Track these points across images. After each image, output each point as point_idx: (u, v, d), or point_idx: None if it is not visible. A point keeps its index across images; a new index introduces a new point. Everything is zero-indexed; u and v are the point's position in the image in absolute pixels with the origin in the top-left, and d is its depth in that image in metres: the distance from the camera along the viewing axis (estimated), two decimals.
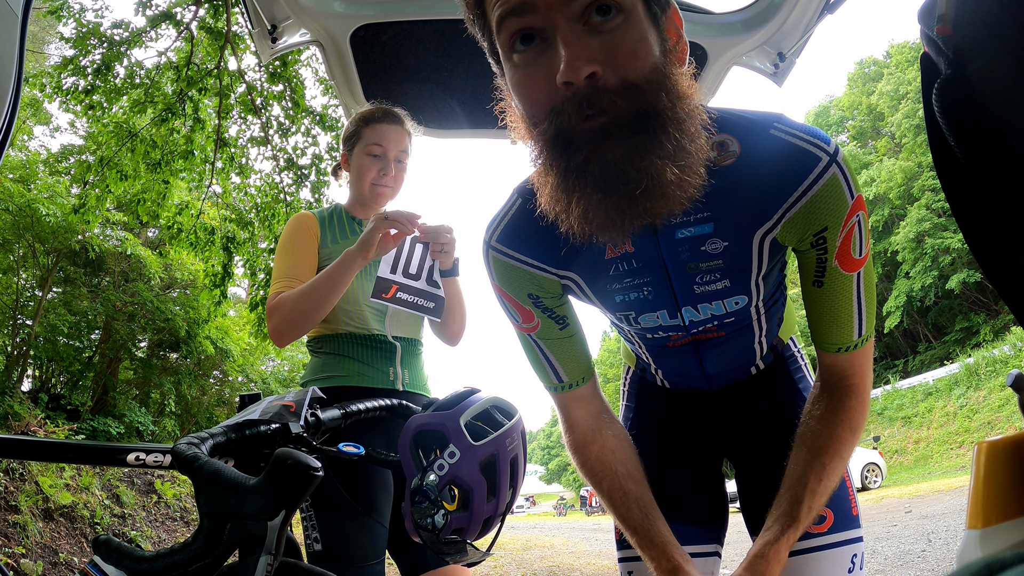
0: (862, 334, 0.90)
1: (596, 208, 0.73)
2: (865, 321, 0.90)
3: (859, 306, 0.89)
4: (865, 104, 30.88)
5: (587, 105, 0.70)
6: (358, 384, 1.52)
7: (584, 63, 0.68)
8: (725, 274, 0.91)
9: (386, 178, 1.65)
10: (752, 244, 0.88)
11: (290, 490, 0.69)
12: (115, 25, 6.16)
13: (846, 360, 0.93)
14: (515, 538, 13.49)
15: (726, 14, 1.72)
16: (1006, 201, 0.57)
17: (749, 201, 0.85)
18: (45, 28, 13.94)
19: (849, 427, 0.91)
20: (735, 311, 0.97)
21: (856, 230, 0.84)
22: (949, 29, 0.58)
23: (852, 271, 0.87)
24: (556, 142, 0.73)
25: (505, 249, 0.96)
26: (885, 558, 5.38)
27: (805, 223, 0.85)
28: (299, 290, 1.47)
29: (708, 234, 0.87)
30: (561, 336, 1.01)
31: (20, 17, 0.95)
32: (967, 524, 0.75)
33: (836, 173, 0.82)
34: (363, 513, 1.39)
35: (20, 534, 5.52)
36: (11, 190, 7.88)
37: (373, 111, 1.68)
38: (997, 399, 15.30)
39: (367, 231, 1.44)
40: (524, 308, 0.99)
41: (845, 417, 0.92)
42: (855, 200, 0.83)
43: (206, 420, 11.49)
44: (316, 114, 7.15)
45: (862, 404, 0.93)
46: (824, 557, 1.01)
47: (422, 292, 1.48)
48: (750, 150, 0.84)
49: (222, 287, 7.21)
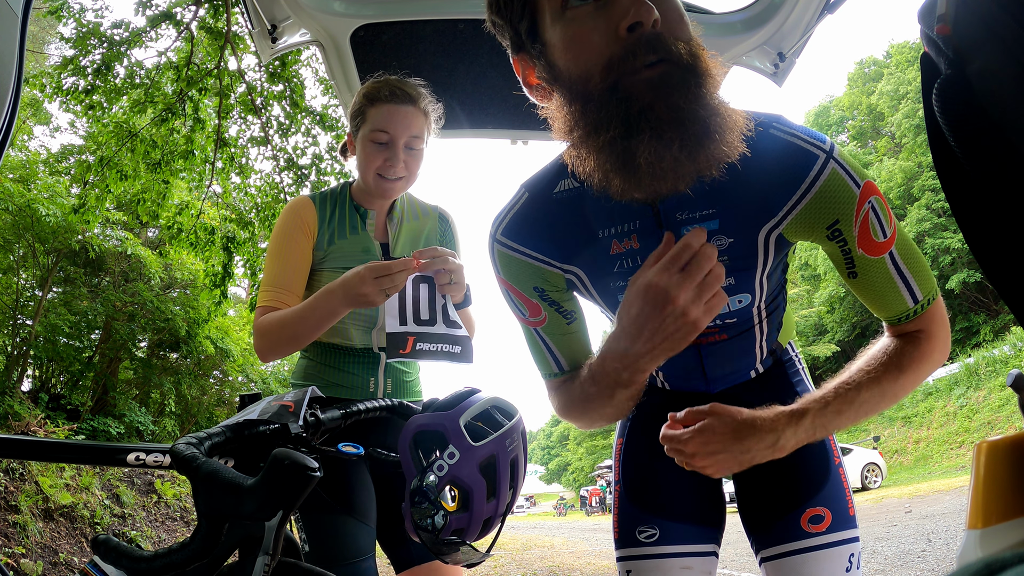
0: (918, 300, 0.90)
1: (666, 150, 0.73)
2: (916, 288, 0.90)
3: (902, 280, 0.89)
4: (865, 104, 30.88)
5: (651, 50, 0.73)
6: (335, 396, 1.45)
7: (652, 8, 0.74)
8: (730, 271, 0.91)
9: (393, 169, 1.44)
10: (758, 240, 0.89)
11: (288, 490, 0.68)
12: (115, 25, 6.16)
13: (910, 323, 0.93)
14: (515, 538, 13.49)
15: (726, 14, 1.72)
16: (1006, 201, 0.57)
17: (753, 198, 0.86)
18: (45, 28, 13.94)
19: (898, 366, 0.90)
20: (738, 311, 0.97)
21: (872, 216, 0.85)
22: (949, 29, 0.58)
23: (880, 254, 0.87)
24: (613, 93, 0.75)
25: (510, 243, 0.97)
26: (885, 558, 5.38)
27: (813, 218, 0.87)
28: (284, 323, 1.35)
29: (714, 231, 0.89)
30: (568, 331, 1.01)
31: (20, 17, 0.95)
32: (967, 524, 0.75)
33: (835, 168, 0.84)
34: (344, 512, 1.36)
35: (20, 534, 5.52)
36: (11, 190, 7.88)
37: (379, 87, 1.44)
38: (997, 399, 15.29)
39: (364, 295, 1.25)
40: (531, 302, 0.99)
41: (898, 357, 0.91)
42: (863, 189, 0.85)
43: (206, 420, 11.49)
44: (316, 114, 7.15)
45: (924, 352, 0.91)
46: (822, 557, 1.01)
47: (444, 337, 1.31)
48: (752, 149, 0.85)
49: (222, 287, 7.21)
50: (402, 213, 1.59)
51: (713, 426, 0.85)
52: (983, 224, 0.64)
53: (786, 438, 0.85)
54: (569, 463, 50.34)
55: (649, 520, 1.12)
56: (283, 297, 1.41)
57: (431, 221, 1.63)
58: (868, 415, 0.89)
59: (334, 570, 1.28)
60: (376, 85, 1.46)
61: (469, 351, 1.36)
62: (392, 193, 1.50)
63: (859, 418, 0.89)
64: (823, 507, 1.04)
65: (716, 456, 0.85)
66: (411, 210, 1.62)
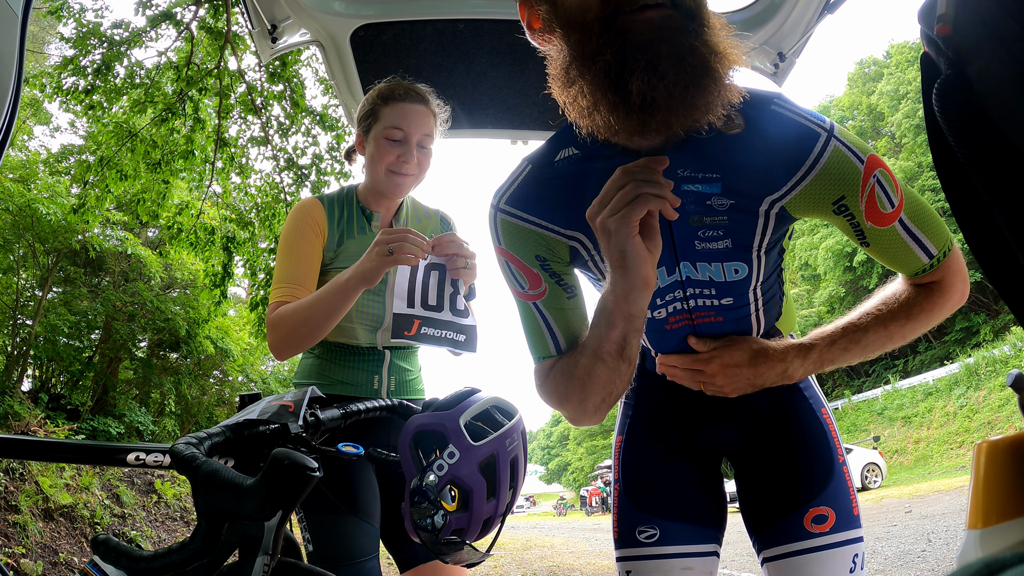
0: (932, 256, 0.93)
1: (659, 81, 0.73)
2: (930, 244, 0.93)
3: (915, 240, 0.92)
4: (865, 104, 30.87)
5: None
6: (341, 393, 1.48)
7: None
8: (728, 233, 0.92)
9: (407, 165, 1.47)
10: (759, 209, 0.91)
11: (287, 490, 0.68)
12: (115, 25, 6.16)
13: (928, 275, 0.96)
14: (515, 538, 13.49)
15: (726, 14, 1.72)
16: (1006, 201, 0.57)
17: (757, 169, 0.88)
18: (45, 28, 13.94)
19: (906, 310, 0.96)
20: (734, 283, 0.97)
21: (878, 189, 0.88)
22: (949, 29, 0.58)
23: (889, 224, 0.90)
24: (611, 23, 0.75)
25: (514, 210, 0.97)
26: (885, 558, 5.38)
27: (819, 194, 0.88)
28: (298, 310, 1.36)
29: (715, 193, 0.89)
30: (568, 306, 1.00)
31: (20, 17, 0.95)
32: (967, 524, 0.75)
33: (837, 146, 0.86)
34: (349, 511, 1.36)
35: (20, 534, 5.52)
36: (11, 190, 7.89)
37: (393, 88, 1.49)
38: (997, 399, 15.29)
39: (370, 264, 1.28)
40: (532, 272, 0.98)
41: (908, 302, 0.96)
42: (866, 163, 0.87)
43: (206, 420, 11.49)
44: (316, 114, 7.15)
45: (938, 299, 0.96)
46: (827, 557, 1.01)
47: (450, 324, 1.32)
48: (753, 123, 0.87)
49: (222, 287, 7.21)
50: (407, 215, 1.63)
51: (732, 350, 0.94)
52: (983, 224, 0.64)
53: (794, 368, 0.93)
54: (569, 463, 50.35)
55: (649, 520, 1.11)
56: (296, 292, 1.42)
57: (434, 223, 1.67)
58: (874, 354, 0.96)
59: (337, 570, 1.28)
60: (390, 86, 1.50)
61: (474, 340, 1.35)
62: (402, 190, 1.52)
63: (865, 356, 0.96)
64: (827, 507, 1.03)
65: (734, 377, 0.94)
66: (415, 213, 1.66)
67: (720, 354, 0.98)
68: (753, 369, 0.96)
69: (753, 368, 0.96)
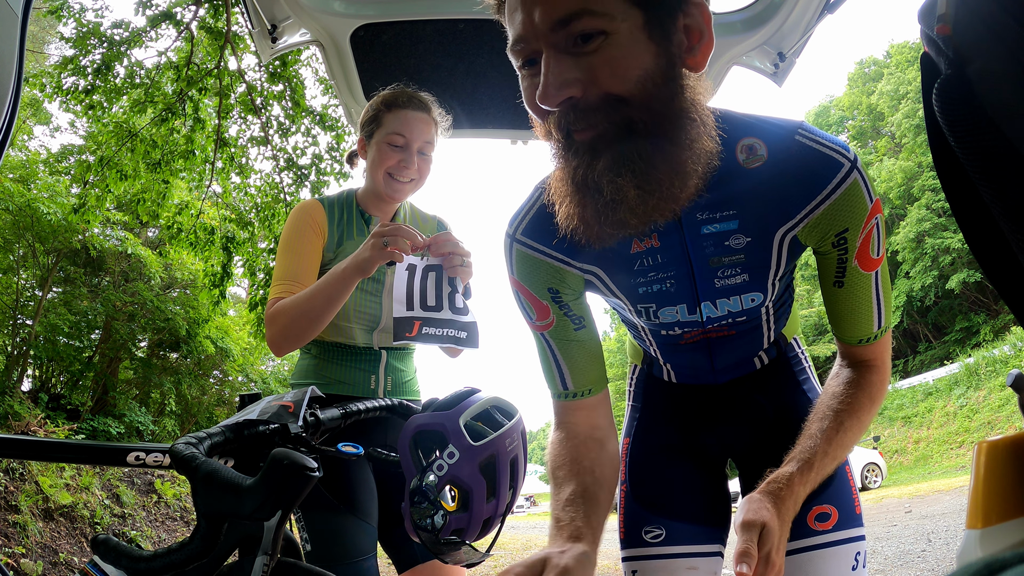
0: (881, 326, 0.95)
1: (578, 212, 0.80)
2: (883, 314, 0.94)
3: (878, 302, 0.93)
4: (865, 104, 30.87)
5: (571, 122, 0.77)
6: (338, 392, 1.48)
7: (557, 89, 0.75)
8: (745, 269, 0.93)
9: (407, 171, 1.51)
10: (773, 241, 0.91)
11: (286, 490, 0.68)
12: (115, 25, 6.16)
13: (866, 349, 0.97)
14: (515, 538, 13.49)
15: (726, 14, 1.72)
16: (1006, 201, 0.57)
17: (774, 201, 0.88)
18: (45, 28, 13.94)
19: (868, 395, 0.94)
20: (749, 308, 0.98)
21: (875, 231, 0.89)
22: (949, 29, 0.58)
23: (871, 270, 0.91)
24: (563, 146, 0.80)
25: (530, 242, 0.97)
26: (885, 558, 5.38)
27: (827, 224, 0.88)
28: (297, 302, 1.37)
29: (733, 230, 0.90)
30: (575, 338, 1.00)
31: (20, 17, 0.95)
32: (967, 524, 0.75)
33: (857, 179, 0.86)
34: (347, 511, 1.37)
35: (20, 534, 5.52)
36: (11, 190, 7.89)
37: (397, 95, 1.53)
38: (997, 399, 15.29)
39: (366, 255, 1.30)
40: (541, 303, 0.98)
41: (865, 386, 0.95)
42: (874, 204, 0.88)
43: (206, 420, 11.50)
44: (316, 114, 7.15)
45: (882, 379, 0.97)
46: (829, 555, 1.01)
47: (450, 323, 1.33)
48: (776, 154, 0.87)
49: (221, 287, 7.21)
50: (405, 220, 1.65)
51: (772, 536, 0.81)
52: (983, 224, 0.64)
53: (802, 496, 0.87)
54: None
55: (655, 520, 1.12)
56: (295, 289, 1.43)
57: (431, 228, 1.70)
58: (852, 447, 0.93)
59: (335, 569, 1.28)
60: (394, 93, 1.54)
61: (475, 336, 1.36)
62: (401, 194, 1.55)
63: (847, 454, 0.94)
64: (829, 504, 1.04)
65: (782, 548, 0.83)
66: (413, 217, 1.68)
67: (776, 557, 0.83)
68: (785, 525, 0.85)
69: (784, 525, 0.85)
